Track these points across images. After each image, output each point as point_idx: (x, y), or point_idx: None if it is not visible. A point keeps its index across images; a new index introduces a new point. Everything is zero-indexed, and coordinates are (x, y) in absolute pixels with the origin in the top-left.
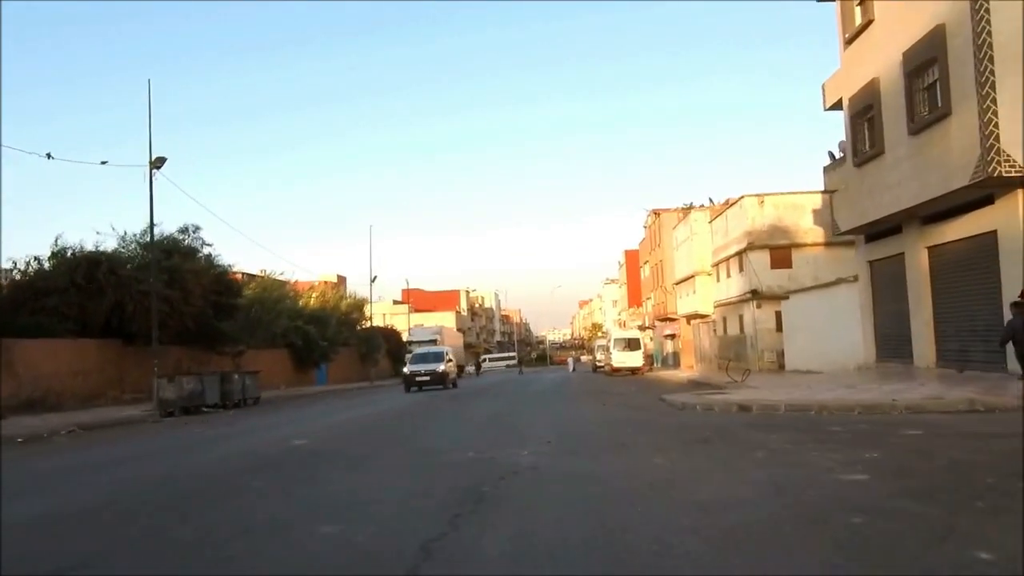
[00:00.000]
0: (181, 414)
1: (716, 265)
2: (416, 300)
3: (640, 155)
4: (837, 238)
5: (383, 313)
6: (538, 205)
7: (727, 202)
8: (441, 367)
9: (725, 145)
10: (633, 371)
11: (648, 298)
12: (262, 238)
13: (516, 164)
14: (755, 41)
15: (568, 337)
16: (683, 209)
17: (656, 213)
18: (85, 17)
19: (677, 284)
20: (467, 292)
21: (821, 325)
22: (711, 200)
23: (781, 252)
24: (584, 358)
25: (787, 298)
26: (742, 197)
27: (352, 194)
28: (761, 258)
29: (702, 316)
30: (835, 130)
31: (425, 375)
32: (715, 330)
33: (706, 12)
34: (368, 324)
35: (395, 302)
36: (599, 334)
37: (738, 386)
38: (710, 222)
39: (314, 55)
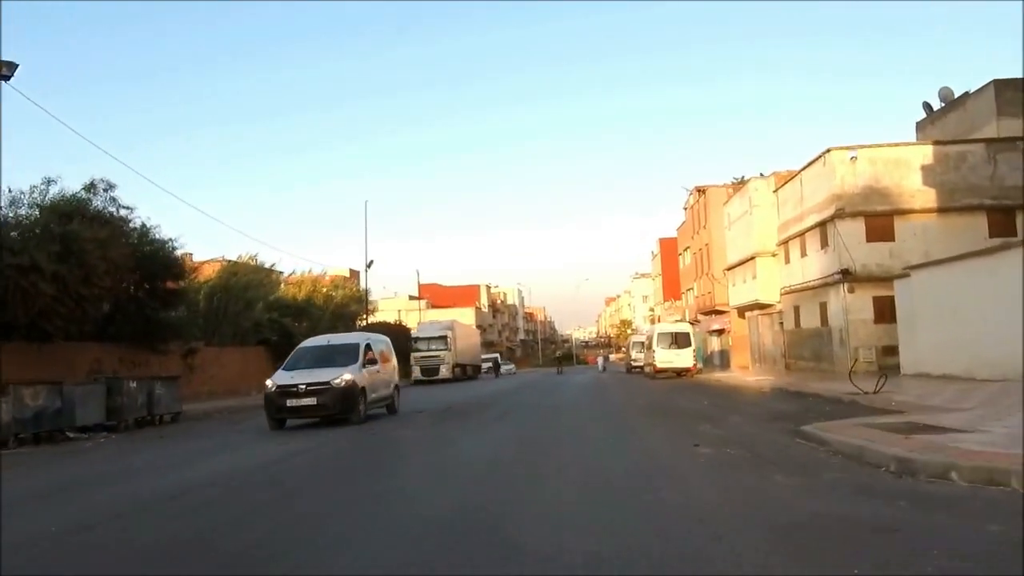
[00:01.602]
0: (24, 443)
1: (784, 243)
2: (433, 296)
3: (662, 152)
4: (955, 202)
5: (397, 309)
6: (560, 204)
7: (789, 174)
8: (345, 377)
9: (754, 144)
10: (679, 373)
11: (689, 289)
12: (281, 238)
13: (536, 162)
14: (760, 39)
15: (594, 335)
16: (733, 184)
17: (700, 190)
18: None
19: (729, 270)
20: (488, 287)
21: (969, 311)
22: (761, 175)
23: (880, 220)
24: (613, 356)
25: (907, 275)
26: (827, 151)
27: (370, 193)
28: (854, 229)
29: (764, 306)
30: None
31: (307, 395)
32: (782, 323)
33: (728, 9)
34: (366, 318)
35: (411, 297)
36: (629, 330)
37: (875, 398)
38: (775, 191)
39: (333, 55)
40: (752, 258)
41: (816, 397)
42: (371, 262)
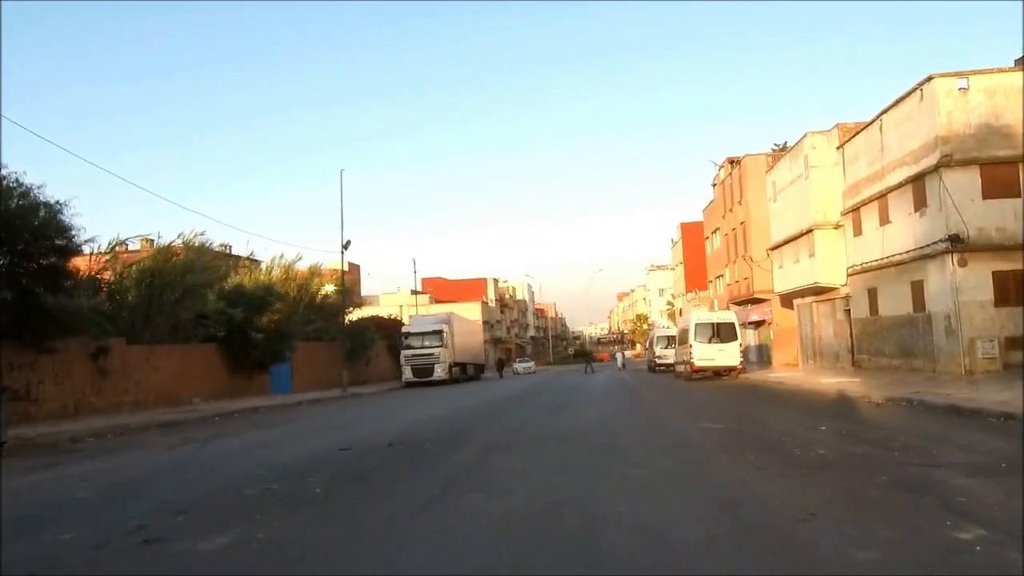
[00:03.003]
0: None
1: (854, 210)
2: (437, 290)
3: (672, 146)
4: None
5: (399, 304)
6: (569, 199)
7: (858, 126)
8: None
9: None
10: (719, 372)
11: (719, 276)
12: (287, 236)
13: (545, 160)
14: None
15: (606, 331)
16: (774, 152)
17: (733, 162)
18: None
19: (773, 249)
20: (495, 281)
21: None
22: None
23: (1002, 170)
24: (629, 353)
25: None
26: (928, 79)
27: (377, 190)
28: (965, 181)
29: (822, 291)
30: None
31: None
32: (848, 310)
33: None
34: (343, 313)
35: (413, 292)
36: (645, 325)
37: None
38: (840, 147)
39: (346, 55)
40: (809, 231)
41: (1010, 419)
42: (348, 243)
